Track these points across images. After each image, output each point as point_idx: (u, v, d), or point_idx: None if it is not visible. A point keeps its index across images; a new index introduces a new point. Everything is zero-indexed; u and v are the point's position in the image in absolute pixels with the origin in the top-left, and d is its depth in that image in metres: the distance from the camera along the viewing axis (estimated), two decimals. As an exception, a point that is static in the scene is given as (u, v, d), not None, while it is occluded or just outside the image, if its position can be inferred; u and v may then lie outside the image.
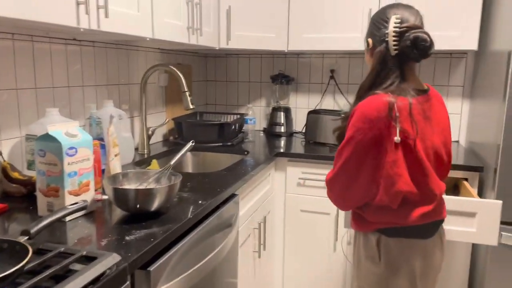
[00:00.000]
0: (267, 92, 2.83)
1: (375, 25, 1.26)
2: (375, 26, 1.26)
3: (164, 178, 1.28)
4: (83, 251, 0.88)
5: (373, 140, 1.14)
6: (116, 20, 1.37)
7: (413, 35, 1.16)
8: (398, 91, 1.17)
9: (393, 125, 1.12)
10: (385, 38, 1.21)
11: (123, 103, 2.01)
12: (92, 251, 0.90)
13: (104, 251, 0.93)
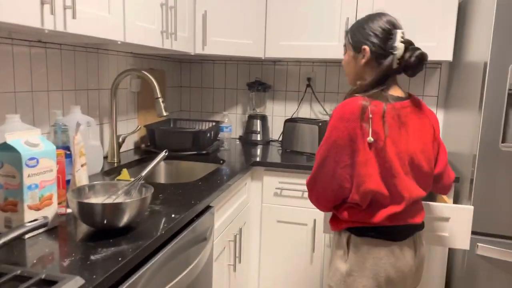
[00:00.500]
0: (243, 99, 2.78)
1: (377, 35, 1.24)
2: (377, 37, 1.24)
3: (135, 190, 1.20)
4: (42, 274, 0.80)
5: (347, 139, 1.18)
6: (85, 22, 1.29)
7: (419, 53, 1.22)
8: (375, 95, 1.21)
9: (365, 126, 1.16)
10: (393, 51, 1.22)
11: (92, 109, 1.91)
12: (52, 274, 0.81)
13: (66, 273, 0.84)
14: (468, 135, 1.85)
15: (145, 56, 2.33)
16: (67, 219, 1.20)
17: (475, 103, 1.77)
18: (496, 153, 1.67)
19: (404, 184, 1.21)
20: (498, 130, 1.66)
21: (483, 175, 1.70)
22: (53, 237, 1.06)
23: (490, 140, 1.67)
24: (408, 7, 2.10)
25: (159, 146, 2.19)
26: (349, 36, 1.31)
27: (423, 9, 2.09)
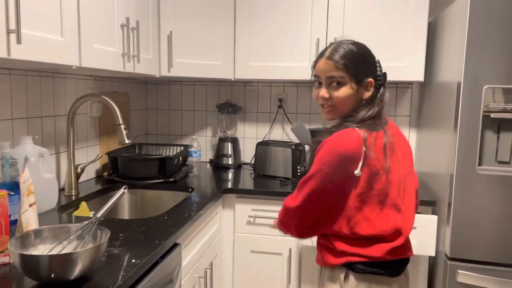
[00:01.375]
0: (213, 121, 2.68)
1: (375, 67, 1.22)
2: (375, 68, 1.22)
3: (89, 234, 1.06)
4: None
5: (341, 175, 1.11)
6: (32, 47, 1.16)
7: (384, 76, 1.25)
8: (373, 125, 1.17)
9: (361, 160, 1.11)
10: (382, 81, 1.23)
11: (48, 137, 1.76)
12: None
13: None
14: (444, 156, 1.82)
15: (107, 79, 2.20)
16: (11, 269, 1.05)
17: (449, 123, 1.74)
18: (474, 176, 1.63)
19: (406, 217, 1.18)
20: (474, 153, 1.62)
21: (461, 198, 1.66)
22: (-10, 296, 0.92)
23: (466, 163, 1.64)
24: (378, 27, 2.08)
25: (122, 175, 2.04)
26: (351, 69, 1.17)
27: (393, 29, 2.07)
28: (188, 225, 1.47)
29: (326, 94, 1.20)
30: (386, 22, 2.07)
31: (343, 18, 2.10)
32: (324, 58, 1.20)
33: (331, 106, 1.20)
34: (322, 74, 1.20)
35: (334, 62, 1.18)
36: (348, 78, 1.17)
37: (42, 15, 1.22)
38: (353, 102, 1.20)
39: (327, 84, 1.20)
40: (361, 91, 1.19)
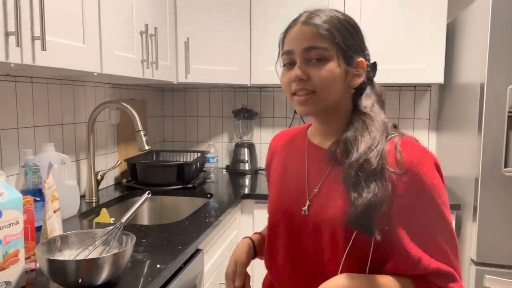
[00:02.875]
0: (229, 127, 2.68)
1: (364, 45, 0.90)
2: (364, 46, 0.90)
3: (114, 240, 1.06)
4: None
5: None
6: (56, 53, 1.17)
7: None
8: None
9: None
10: (373, 72, 0.93)
11: (68, 144, 1.77)
12: None
13: None
14: (467, 159, 1.78)
15: (124, 86, 2.22)
16: (37, 275, 1.05)
17: (473, 125, 1.71)
18: (499, 178, 1.59)
19: None
20: (500, 155, 1.58)
21: (487, 202, 1.62)
22: (18, 302, 0.91)
23: (492, 165, 1.60)
24: (395, 30, 2.06)
25: (141, 181, 2.05)
26: (339, 39, 0.83)
27: (410, 32, 2.05)
28: (209, 230, 1.46)
29: (303, 74, 0.83)
30: (404, 24, 2.05)
31: (359, 21, 2.07)
32: (299, 25, 0.86)
33: (310, 92, 0.84)
34: (296, 46, 0.85)
35: (314, 26, 0.83)
36: (335, 52, 0.83)
37: (65, 22, 1.23)
38: (340, 88, 0.85)
39: (303, 61, 0.84)
40: (350, 73, 0.86)
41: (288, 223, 0.91)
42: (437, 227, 0.79)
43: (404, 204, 0.78)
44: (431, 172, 0.80)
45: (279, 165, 1.00)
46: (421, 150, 0.82)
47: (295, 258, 0.91)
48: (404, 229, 0.78)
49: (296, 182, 0.92)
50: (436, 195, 0.79)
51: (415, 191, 0.78)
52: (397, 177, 0.78)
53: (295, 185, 0.92)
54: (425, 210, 0.78)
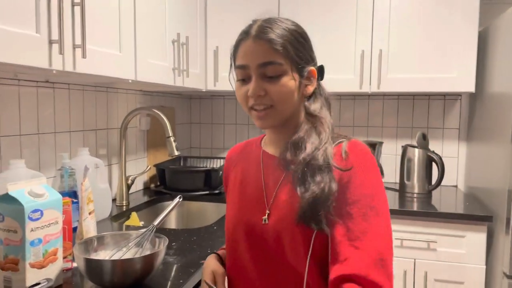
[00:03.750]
0: (255, 134, 2.68)
1: (313, 52, 0.92)
2: (313, 53, 0.92)
3: (147, 241, 1.09)
4: None
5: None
6: (95, 61, 1.23)
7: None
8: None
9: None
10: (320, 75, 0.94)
11: (101, 149, 1.83)
12: None
13: None
14: (499, 170, 1.74)
15: (154, 93, 2.28)
16: (73, 274, 1.09)
17: (506, 135, 1.67)
18: (534, 190, 1.55)
19: None
20: (534, 166, 1.54)
21: (520, 214, 1.58)
22: (56, 299, 0.95)
23: (526, 176, 1.56)
24: (424, 38, 2.04)
25: (169, 186, 2.09)
26: (292, 53, 0.85)
27: (440, 40, 2.03)
28: (237, 236, 1.47)
29: (260, 90, 0.84)
30: (433, 33, 2.03)
31: (388, 29, 2.08)
32: (252, 38, 0.85)
33: (268, 106, 0.85)
34: (251, 62, 0.84)
35: (268, 42, 0.83)
36: (289, 66, 0.84)
37: (104, 30, 1.28)
38: (295, 100, 0.87)
39: (259, 76, 0.84)
40: (303, 83, 0.88)
41: (250, 235, 0.89)
42: (359, 231, 0.78)
43: (341, 202, 0.80)
44: (373, 174, 0.83)
45: (237, 178, 0.99)
46: (366, 153, 0.84)
47: (264, 269, 0.88)
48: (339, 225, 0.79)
49: (254, 193, 0.92)
50: (370, 200, 0.80)
51: (353, 189, 0.80)
52: (340, 175, 0.81)
53: (254, 197, 0.91)
54: (356, 211, 0.79)
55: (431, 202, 2.01)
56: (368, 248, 0.76)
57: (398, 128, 2.43)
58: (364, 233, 0.77)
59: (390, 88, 2.09)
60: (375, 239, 0.77)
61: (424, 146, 2.10)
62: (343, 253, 0.77)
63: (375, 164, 0.83)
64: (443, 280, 1.81)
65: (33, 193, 0.96)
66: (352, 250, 0.76)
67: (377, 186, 0.81)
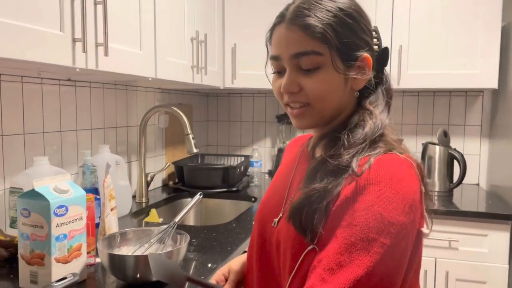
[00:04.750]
0: (272, 132, 2.69)
1: (369, 32, 0.75)
2: (369, 34, 0.75)
3: (169, 238, 1.10)
4: None
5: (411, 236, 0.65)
6: (117, 59, 1.24)
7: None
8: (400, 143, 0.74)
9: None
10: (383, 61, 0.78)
11: (120, 146, 1.85)
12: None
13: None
14: (524, 168, 1.70)
15: (173, 91, 2.29)
16: (95, 270, 1.11)
17: (530, 133, 1.63)
18: (561, 189, 1.51)
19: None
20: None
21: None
22: (81, 294, 0.97)
23: (552, 174, 1.52)
24: (446, 34, 2.00)
25: (187, 184, 2.10)
26: (333, 38, 0.69)
27: (462, 36, 1.99)
28: (256, 233, 1.47)
29: (293, 86, 0.72)
30: (455, 28, 1.99)
31: (408, 25, 2.04)
32: (285, 23, 0.72)
33: (304, 104, 0.73)
34: (283, 52, 0.72)
35: (303, 28, 0.70)
36: (329, 55, 0.70)
37: (125, 29, 1.30)
38: (339, 96, 0.73)
39: (293, 69, 0.72)
40: (351, 75, 0.72)
41: (261, 236, 0.81)
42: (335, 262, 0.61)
43: (336, 220, 0.64)
44: (393, 206, 0.62)
45: (277, 171, 0.92)
46: (398, 179, 0.64)
47: (263, 276, 0.80)
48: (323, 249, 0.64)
49: (278, 192, 0.83)
50: (369, 231, 0.61)
51: (353, 210, 0.63)
52: (349, 186, 0.65)
53: (277, 195, 0.82)
54: (344, 236, 0.62)
55: (452, 200, 1.98)
56: (335, 285, 0.59)
57: (418, 125, 2.39)
58: (340, 267, 0.60)
59: (410, 84, 2.06)
60: (348, 279, 0.59)
61: (446, 144, 2.06)
62: (310, 281, 0.62)
63: (404, 197, 0.62)
64: (465, 280, 1.78)
65: (58, 189, 0.97)
66: (318, 281, 0.61)
67: (391, 223, 0.61)
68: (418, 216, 0.65)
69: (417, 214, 0.64)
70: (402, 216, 0.62)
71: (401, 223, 0.61)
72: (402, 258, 0.62)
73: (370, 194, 0.62)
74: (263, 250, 0.80)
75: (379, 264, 0.59)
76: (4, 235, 1.16)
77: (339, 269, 0.60)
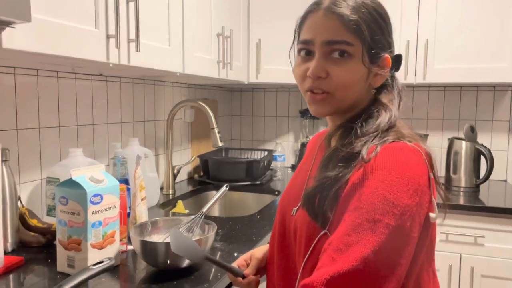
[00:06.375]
0: (295, 126, 2.71)
1: (391, 37, 0.80)
2: (391, 39, 0.80)
3: (197, 227, 1.14)
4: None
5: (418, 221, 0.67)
6: (147, 55, 1.28)
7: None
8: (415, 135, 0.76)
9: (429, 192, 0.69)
10: (397, 65, 0.83)
11: (148, 140, 1.91)
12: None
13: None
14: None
15: (198, 86, 2.33)
16: (127, 256, 1.16)
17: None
18: None
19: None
20: None
21: None
22: (115, 278, 1.02)
23: None
24: (474, 26, 1.97)
25: (212, 177, 2.14)
26: (366, 34, 0.73)
27: (490, 29, 1.95)
28: (280, 225, 1.50)
29: (321, 71, 0.74)
30: (483, 20, 1.96)
31: (435, 18, 2.02)
32: (323, 10, 0.75)
33: (326, 92, 0.75)
34: (317, 36, 0.75)
35: (340, 17, 0.73)
36: (360, 48, 0.73)
37: (155, 25, 1.34)
38: (360, 89, 0.77)
39: (323, 55, 0.74)
40: (373, 72, 0.76)
41: (281, 224, 0.85)
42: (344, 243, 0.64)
43: (345, 205, 0.68)
44: (398, 189, 0.65)
45: (298, 167, 0.96)
46: (402, 163, 0.67)
47: (282, 264, 0.83)
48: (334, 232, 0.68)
49: (298, 183, 0.86)
50: (374, 213, 0.64)
51: (360, 194, 0.66)
52: (357, 173, 0.68)
53: (297, 186, 0.86)
54: (352, 219, 0.66)
55: (478, 196, 1.95)
56: (344, 263, 0.62)
57: (444, 120, 2.36)
58: (348, 247, 0.63)
59: (437, 79, 2.04)
60: (356, 257, 0.62)
61: (472, 139, 2.03)
62: (321, 262, 0.65)
63: (408, 180, 0.66)
64: (491, 276, 1.76)
65: (93, 179, 1.02)
66: (328, 261, 0.64)
67: (395, 205, 0.64)
68: (426, 200, 0.67)
69: (424, 197, 0.67)
70: (406, 198, 0.65)
71: (405, 205, 0.64)
72: (408, 238, 0.65)
73: (376, 178, 0.66)
74: (283, 238, 0.84)
75: (385, 243, 0.62)
76: (41, 223, 1.22)
77: (347, 249, 0.63)
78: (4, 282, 0.98)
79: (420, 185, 0.66)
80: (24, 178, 1.30)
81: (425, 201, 0.67)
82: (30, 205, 1.31)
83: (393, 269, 0.63)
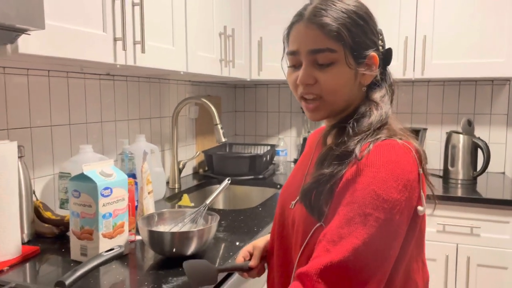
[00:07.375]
0: (297, 122, 2.77)
1: (377, 34, 0.83)
2: (376, 35, 0.83)
3: (200, 218, 1.21)
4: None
5: (407, 214, 0.72)
6: (152, 55, 1.35)
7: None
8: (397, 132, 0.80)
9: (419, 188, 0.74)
10: (386, 60, 0.86)
11: (154, 136, 1.98)
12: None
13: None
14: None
15: (202, 83, 2.40)
16: (136, 246, 1.23)
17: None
18: None
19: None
20: None
21: None
22: (125, 265, 1.09)
23: None
24: (472, 21, 2.01)
25: (216, 171, 2.21)
26: (347, 38, 0.77)
27: (488, 23, 1.99)
28: (281, 217, 1.57)
29: (309, 78, 0.79)
30: (480, 16, 2.00)
31: (433, 14, 2.06)
32: (304, 22, 0.80)
33: (317, 97, 0.80)
34: (301, 47, 0.80)
35: (320, 27, 0.77)
36: (343, 53, 0.78)
37: (159, 27, 1.40)
38: (350, 90, 0.81)
39: (310, 63, 0.79)
40: (361, 72, 0.80)
41: (281, 217, 0.91)
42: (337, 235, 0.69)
43: (339, 199, 0.73)
44: (388, 185, 0.70)
45: (297, 162, 1.01)
46: (393, 161, 0.71)
47: (281, 255, 0.89)
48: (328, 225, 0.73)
49: (298, 178, 0.91)
50: (365, 207, 0.69)
51: (353, 190, 0.71)
52: (349, 168, 0.74)
53: (296, 181, 0.91)
54: (344, 213, 0.71)
55: (475, 188, 2.00)
56: (337, 253, 0.67)
57: (443, 114, 2.41)
58: (341, 238, 0.68)
59: (435, 74, 2.08)
60: (348, 248, 0.67)
61: (470, 132, 2.08)
62: (316, 252, 0.71)
63: (397, 177, 0.70)
64: (486, 265, 1.82)
65: (103, 173, 1.10)
66: (323, 252, 0.69)
67: (385, 200, 0.69)
68: (415, 195, 0.72)
69: (413, 192, 0.72)
70: (395, 193, 0.70)
71: (394, 200, 0.69)
72: (397, 231, 0.70)
73: (367, 175, 0.71)
74: (282, 229, 0.90)
75: (375, 236, 0.68)
76: (55, 215, 1.30)
77: (340, 241, 0.68)
78: (22, 269, 1.06)
79: (409, 181, 0.71)
80: (38, 173, 1.38)
81: (414, 196, 0.72)
82: (43, 198, 1.39)
83: (383, 259, 0.69)
